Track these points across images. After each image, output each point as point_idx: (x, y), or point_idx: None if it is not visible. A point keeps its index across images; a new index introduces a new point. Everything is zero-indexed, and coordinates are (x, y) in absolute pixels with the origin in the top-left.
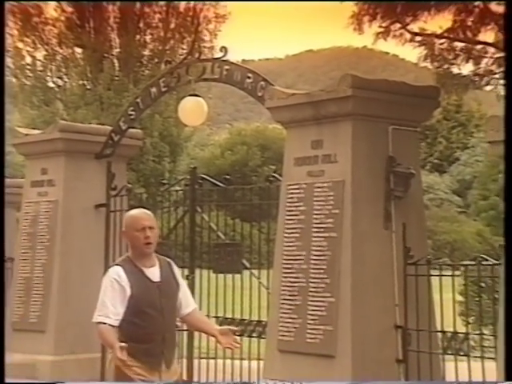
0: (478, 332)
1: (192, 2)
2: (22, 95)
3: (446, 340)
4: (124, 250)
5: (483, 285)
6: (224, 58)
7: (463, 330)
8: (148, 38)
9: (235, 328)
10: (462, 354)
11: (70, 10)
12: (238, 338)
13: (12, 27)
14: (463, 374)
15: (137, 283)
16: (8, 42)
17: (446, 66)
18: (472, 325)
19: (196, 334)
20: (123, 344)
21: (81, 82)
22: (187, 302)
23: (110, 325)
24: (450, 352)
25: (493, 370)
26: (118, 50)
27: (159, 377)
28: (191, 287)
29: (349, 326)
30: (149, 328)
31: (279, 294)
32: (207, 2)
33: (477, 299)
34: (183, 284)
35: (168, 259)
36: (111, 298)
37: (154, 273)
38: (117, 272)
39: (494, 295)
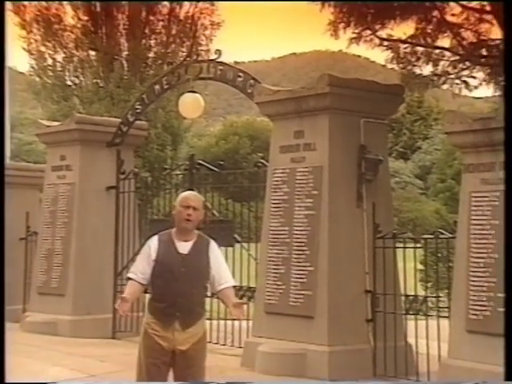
0: (435, 295)
1: (191, 11)
2: (44, 92)
3: (408, 302)
4: (132, 226)
5: (440, 255)
6: (218, 60)
7: (423, 293)
8: (152, 42)
9: (247, 302)
10: (421, 313)
11: (85, 18)
12: (245, 309)
13: (36, 33)
14: (422, 331)
15: (163, 251)
16: (32, 46)
17: (409, 68)
18: (430, 289)
19: None
20: (124, 295)
21: (94, 81)
22: (220, 281)
23: (135, 280)
24: (411, 312)
25: (446, 327)
26: (126, 52)
27: (172, 335)
28: None
29: (326, 291)
30: (164, 290)
31: (266, 264)
32: (204, 12)
33: (434, 267)
34: (219, 263)
35: (209, 239)
36: (141, 260)
37: (184, 246)
38: (152, 240)
39: (449, 264)
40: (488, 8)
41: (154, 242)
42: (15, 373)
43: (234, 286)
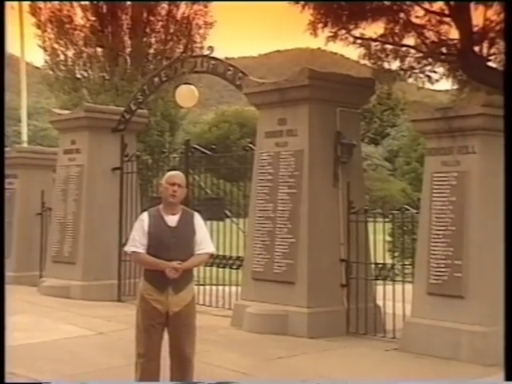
0: (400, 263)
1: (186, 13)
2: (57, 84)
3: (377, 269)
4: (134, 202)
5: (405, 228)
6: (211, 56)
7: (390, 262)
8: (152, 40)
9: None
10: (389, 279)
11: (93, 18)
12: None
13: (50, 32)
14: (389, 294)
15: (154, 225)
16: (46, 43)
17: (379, 63)
18: (397, 258)
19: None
20: (171, 265)
21: (101, 74)
22: (200, 245)
23: (139, 252)
24: (380, 278)
25: (410, 291)
26: (129, 49)
27: (166, 298)
28: None
29: (305, 260)
30: (157, 258)
31: (253, 236)
32: (198, 13)
33: (400, 239)
34: (202, 231)
35: (194, 212)
36: (136, 233)
37: (172, 219)
38: (144, 215)
39: (413, 236)
40: (447, 11)
41: (145, 217)
42: (33, 330)
43: (225, 256)
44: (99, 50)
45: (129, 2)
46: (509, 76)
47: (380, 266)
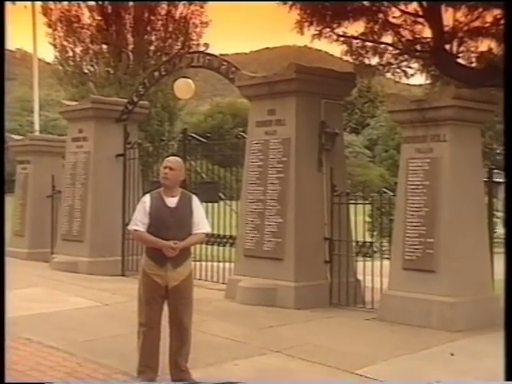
0: (379, 241)
1: (184, 13)
2: (66, 78)
3: (358, 247)
4: (136, 186)
5: (383, 210)
6: (206, 52)
7: (369, 240)
8: (153, 37)
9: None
10: (368, 256)
11: (98, 18)
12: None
13: (59, 31)
14: (368, 269)
15: (155, 206)
16: (56, 41)
17: (360, 59)
18: (375, 236)
19: None
20: (168, 244)
21: (106, 69)
22: (198, 226)
23: (140, 230)
24: (360, 255)
25: (387, 266)
26: (132, 46)
27: (166, 273)
28: None
29: (292, 238)
30: (157, 236)
31: (245, 217)
32: (195, 13)
33: (379, 219)
34: (200, 212)
35: (192, 195)
36: (138, 214)
37: (171, 201)
38: (146, 197)
39: (390, 217)
40: (421, 13)
41: (147, 199)
42: (46, 301)
43: (219, 235)
44: (104, 46)
45: (131, 3)
46: (509, 76)
47: (360, 243)
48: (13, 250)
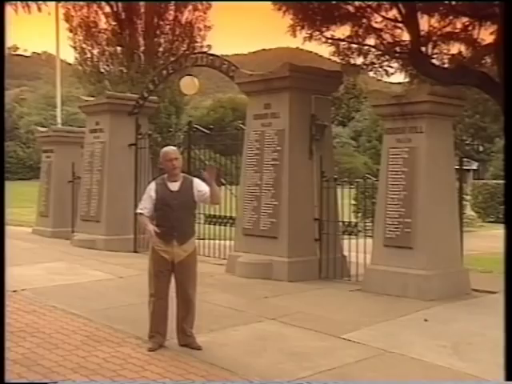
0: (363, 222)
1: (189, 18)
2: (85, 77)
3: (344, 227)
4: (147, 172)
5: (367, 193)
6: (209, 52)
7: (355, 220)
8: (162, 40)
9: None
10: (353, 234)
11: (114, 23)
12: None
13: (79, 35)
14: (353, 246)
15: (160, 191)
16: (77, 44)
17: (346, 59)
18: (360, 217)
19: None
20: (153, 229)
21: (120, 68)
22: (205, 194)
23: (144, 215)
24: (346, 233)
25: (370, 243)
26: (143, 48)
27: (172, 249)
28: None
29: (286, 219)
30: (164, 217)
31: (243, 200)
32: (199, 18)
33: (363, 202)
34: (202, 186)
35: (192, 178)
36: (145, 199)
37: (174, 185)
38: (151, 184)
39: (373, 200)
40: (400, 19)
41: (153, 186)
42: (67, 274)
43: (220, 216)
44: (119, 48)
45: (142, 10)
46: (509, 76)
47: (346, 223)
48: (39, 228)
